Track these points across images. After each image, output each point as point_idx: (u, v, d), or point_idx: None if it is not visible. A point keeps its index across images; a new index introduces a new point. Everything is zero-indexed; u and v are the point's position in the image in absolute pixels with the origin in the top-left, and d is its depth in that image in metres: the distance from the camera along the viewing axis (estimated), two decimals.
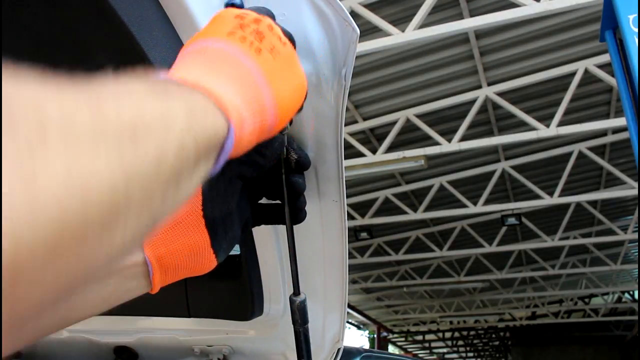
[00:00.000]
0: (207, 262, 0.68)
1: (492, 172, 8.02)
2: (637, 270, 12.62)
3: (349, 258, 0.96)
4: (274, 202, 0.80)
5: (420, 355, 22.57)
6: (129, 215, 0.30)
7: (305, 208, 0.79)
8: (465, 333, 20.70)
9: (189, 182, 0.39)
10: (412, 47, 5.69)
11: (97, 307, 0.59)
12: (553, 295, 15.88)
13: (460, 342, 21.58)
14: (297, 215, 0.78)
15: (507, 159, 8.00)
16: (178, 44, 0.73)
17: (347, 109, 6.41)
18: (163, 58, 0.71)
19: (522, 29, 5.63)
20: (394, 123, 6.72)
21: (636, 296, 15.89)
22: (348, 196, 1.36)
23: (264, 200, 0.81)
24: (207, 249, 0.66)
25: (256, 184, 0.74)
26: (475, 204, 8.01)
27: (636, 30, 2.17)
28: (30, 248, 0.24)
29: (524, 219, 8.59)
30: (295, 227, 0.80)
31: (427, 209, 8.37)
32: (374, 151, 6.64)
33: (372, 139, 7.24)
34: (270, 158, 0.72)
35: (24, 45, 0.84)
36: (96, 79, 0.37)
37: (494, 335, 21.08)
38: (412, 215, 8.46)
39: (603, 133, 7.40)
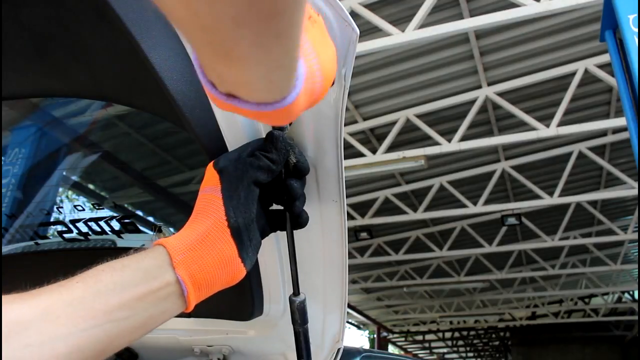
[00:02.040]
0: (237, 272, 0.68)
1: (492, 172, 8.02)
2: (637, 270, 12.61)
3: (349, 258, 0.96)
4: (280, 208, 0.79)
5: (420, 355, 22.56)
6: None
7: (305, 208, 0.79)
8: (465, 333, 20.68)
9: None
10: (412, 47, 5.68)
11: (135, 333, 0.59)
12: (553, 295, 15.87)
13: (460, 342, 21.56)
14: (296, 219, 0.77)
15: (507, 159, 8.00)
16: (178, 44, 0.73)
17: (347, 109, 6.41)
18: (163, 58, 0.71)
19: (522, 29, 5.63)
20: (394, 123, 6.72)
21: (636, 296, 15.88)
22: (348, 196, 1.36)
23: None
24: (236, 259, 0.67)
25: (266, 189, 0.74)
26: (475, 204, 8.01)
27: (636, 30, 2.17)
28: None
29: (524, 219, 8.58)
30: None
31: (427, 209, 8.36)
32: (374, 151, 6.64)
33: (372, 139, 7.24)
34: (278, 161, 0.72)
35: (24, 45, 0.84)
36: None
37: (494, 335, 21.06)
38: (412, 215, 8.45)
39: (603, 133, 7.39)
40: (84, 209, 1.11)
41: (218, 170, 0.70)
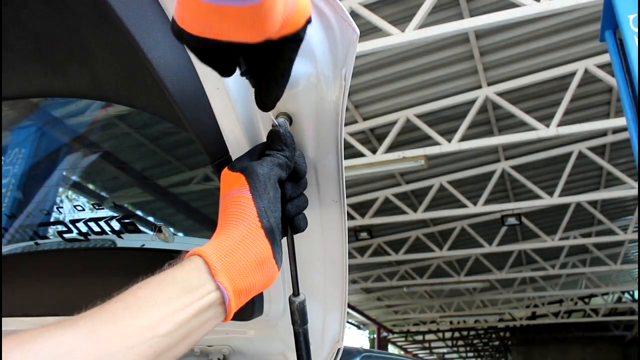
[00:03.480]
0: (272, 272, 0.67)
1: (492, 172, 8.02)
2: (637, 270, 12.61)
3: (349, 258, 0.96)
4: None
5: (420, 355, 22.56)
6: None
7: (305, 210, 0.79)
8: (465, 333, 20.68)
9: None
10: (412, 47, 5.68)
11: (180, 347, 0.58)
12: (553, 295, 15.87)
13: (460, 342, 21.56)
14: (290, 222, 0.76)
15: (507, 159, 8.00)
16: (178, 43, 0.73)
17: (347, 109, 6.41)
18: (163, 58, 0.71)
19: (522, 29, 5.63)
20: (394, 123, 6.72)
21: (636, 296, 15.89)
22: (348, 196, 1.36)
23: None
24: (271, 259, 0.66)
25: None
26: (475, 204, 8.01)
27: (636, 30, 2.17)
28: None
29: (524, 219, 8.58)
30: None
31: (427, 209, 8.36)
32: (374, 151, 6.64)
33: (372, 139, 7.24)
34: (291, 157, 0.73)
35: (24, 45, 0.84)
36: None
37: (494, 335, 21.06)
38: (412, 215, 8.45)
39: (603, 133, 7.39)
40: (84, 209, 1.11)
41: (241, 171, 0.69)
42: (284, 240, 0.80)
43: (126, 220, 1.07)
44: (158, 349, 0.55)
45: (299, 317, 0.81)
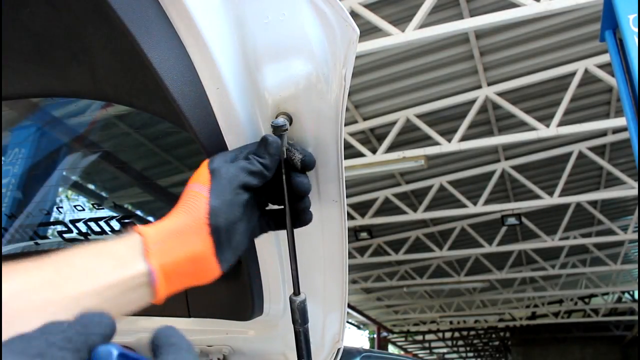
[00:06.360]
0: (211, 270, 0.68)
1: (492, 172, 8.02)
2: (637, 270, 12.61)
3: (349, 258, 0.96)
4: (279, 207, 0.79)
5: (420, 355, 22.56)
6: None
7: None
8: (465, 333, 20.69)
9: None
10: (412, 47, 5.69)
11: None
12: (553, 295, 15.87)
13: (460, 342, 21.57)
14: (303, 216, 0.77)
15: (507, 159, 8.00)
16: (178, 44, 0.73)
17: (347, 109, 6.41)
18: (162, 58, 0.71)
19: (522, 29, 5.63)
20: (394, 123, 6.72)
21: (636, 296, 15.89)
22: (348, 196, 1.36)
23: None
24: (211, 257, 0.67)
25: (262, 190, 0.74)
26: (475, 204, 8.01)
27: (636, 30, 2.17)
28: None
29: (524, 219, 8.59)
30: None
31: (427, 209, 8.36)
32: (374, 151, 6.64)
33: (372, 139, 7.24)
34: (270, 166, 0.72)
35: (24, 45, 0.84)
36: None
37: (494, 335, 21.07)
38: (412, 215, 8.46)
39: (603, 133, 7.40)
40: (84, 209, 1.11)
41: (211, 170, 0.70)
42: (284, 239, 0.80)
43: (126, 220, 1.07)
44: None
45: (299, 316, 0.81)
